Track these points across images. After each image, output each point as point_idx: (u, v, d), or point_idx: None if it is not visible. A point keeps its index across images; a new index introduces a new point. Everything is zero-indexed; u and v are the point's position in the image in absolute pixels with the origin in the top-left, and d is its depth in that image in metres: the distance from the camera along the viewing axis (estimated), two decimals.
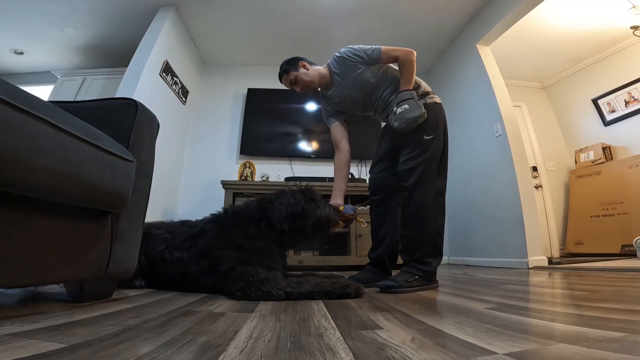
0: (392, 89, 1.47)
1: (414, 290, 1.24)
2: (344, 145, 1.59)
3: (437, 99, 1.49)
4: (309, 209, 1.22)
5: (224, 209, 1.32)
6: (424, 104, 1.39)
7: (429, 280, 1.33)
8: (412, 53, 1.42)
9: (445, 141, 1.46)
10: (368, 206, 1.64)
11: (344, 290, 1.05)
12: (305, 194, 1.26)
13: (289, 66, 1.56)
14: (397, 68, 1.52)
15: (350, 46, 1.49)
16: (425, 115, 1.36)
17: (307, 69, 1.55)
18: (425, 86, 1.50)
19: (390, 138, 1.55)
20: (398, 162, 1.44)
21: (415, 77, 1.51)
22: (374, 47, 1.46)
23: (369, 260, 1.55)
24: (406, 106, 1.35)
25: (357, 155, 1.77)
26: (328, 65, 1.55)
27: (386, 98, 1.48)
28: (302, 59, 1.58)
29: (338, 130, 1.61)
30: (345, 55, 1.47)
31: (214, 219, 1.25)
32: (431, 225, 1.35)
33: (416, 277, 1.28)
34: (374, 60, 1.46)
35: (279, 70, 1.60)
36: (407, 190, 1.38)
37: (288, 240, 1.24)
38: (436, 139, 1.41)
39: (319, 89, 1.60)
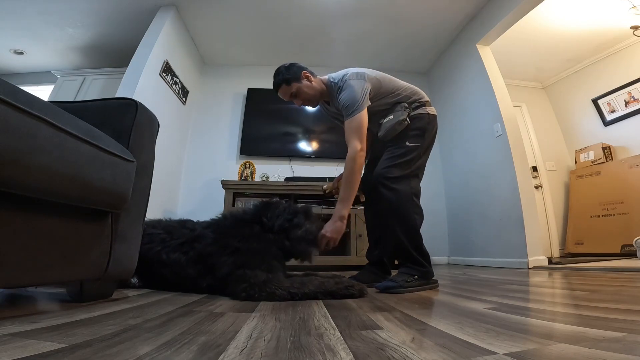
0: (386, 112, 1.42)
1: (413, 290, 1.24)
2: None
3: (432, 110, 1.45)
4: (301, 222, 1.25)
5: (223, 214, 1.31)
6: (415, 113, 1.38)
7: (427, 279, 1.33)
8: (358, 154, 1.27)
9: (427, 153, 1.44)
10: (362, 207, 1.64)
11: (348, 291, 1.05)
12: (304, 211, 1.30)
13: (289, 75, 1.37)
14: (394, 93, 1.44)
15: (351, 90, 1.33)
16: (407, 121, 1.35)
17: (311, 81, 1.39)
18: (422, 96, 1.47)
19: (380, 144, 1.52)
20: None
21: (413, 87, 1.49)
22: (355, 108, 1.30)
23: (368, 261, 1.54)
24: (391, 117, 1.36)
25: None
26: (330, 82, 1.41)
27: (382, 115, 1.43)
28: (304, 69, 1.40)
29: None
30: (343, 96, 1.34)
31: (213, 224, 1.25)
32: (410, 226, 1.33)
33: (415, 277, 1.28)
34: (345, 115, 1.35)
35: (274, 78, 1.41)
36: (384, 190, 1.33)
37: (286, 247, 1.23)
38: (418, 149, 1.38)
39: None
